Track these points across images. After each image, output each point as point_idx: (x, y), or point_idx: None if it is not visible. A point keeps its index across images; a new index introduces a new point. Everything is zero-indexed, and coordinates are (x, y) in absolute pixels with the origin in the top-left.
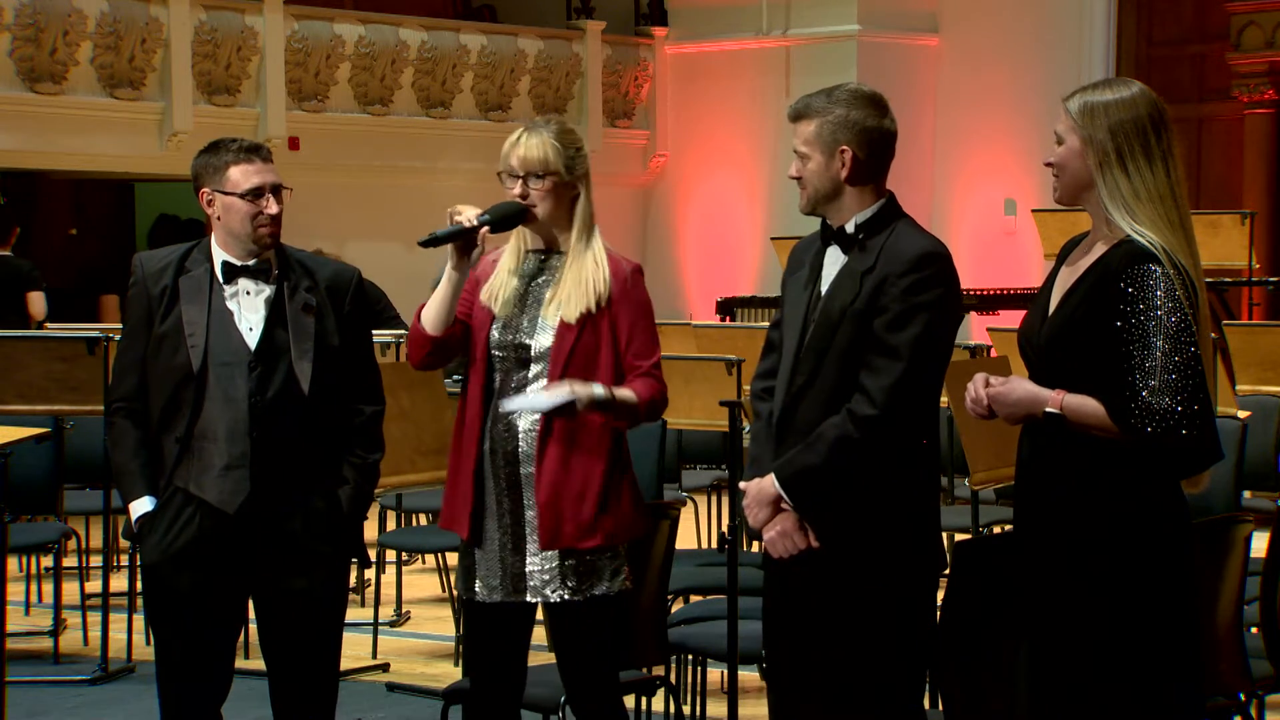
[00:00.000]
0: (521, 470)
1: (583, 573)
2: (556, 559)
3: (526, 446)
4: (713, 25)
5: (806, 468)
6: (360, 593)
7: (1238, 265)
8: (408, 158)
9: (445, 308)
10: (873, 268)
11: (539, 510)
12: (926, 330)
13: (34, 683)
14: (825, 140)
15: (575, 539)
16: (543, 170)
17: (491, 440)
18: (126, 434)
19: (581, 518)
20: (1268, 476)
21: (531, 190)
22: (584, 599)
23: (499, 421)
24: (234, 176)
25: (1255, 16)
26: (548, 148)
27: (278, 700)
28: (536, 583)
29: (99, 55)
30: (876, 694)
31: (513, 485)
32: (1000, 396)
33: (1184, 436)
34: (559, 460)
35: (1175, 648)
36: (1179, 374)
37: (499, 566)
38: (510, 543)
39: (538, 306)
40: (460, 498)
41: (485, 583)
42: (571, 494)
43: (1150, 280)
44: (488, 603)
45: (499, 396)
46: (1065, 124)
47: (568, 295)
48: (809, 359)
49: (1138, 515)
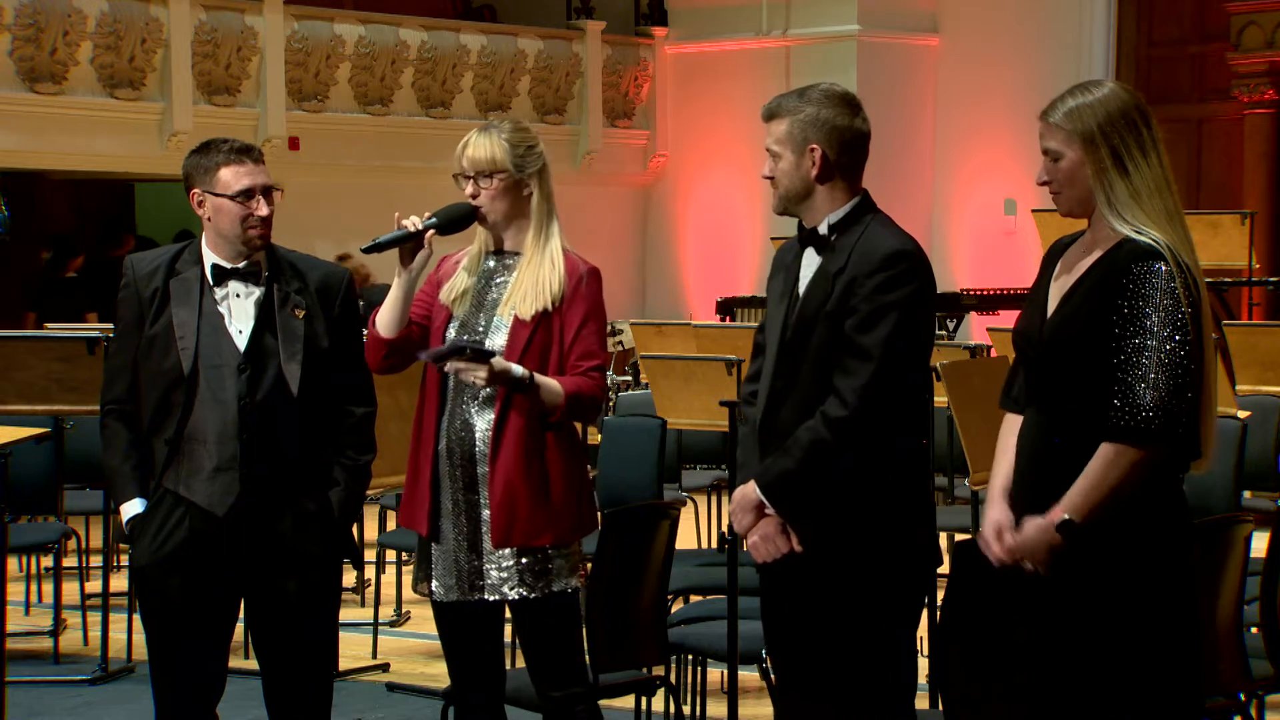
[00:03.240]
0: (478, 469)
1: (538, 570)
2: (512, 557)
3: (483, 445)
4: (713, 25)
5: (784, 472)
6: (360, 593)
7: (1238, 265)
8: (408, 158)
9: (397, 311)
10: (843, 268)
11: (493, 508)
12: (897, 329)
13: (34, 683)
14: (795, 139)
15: (528, 536)
16: (490, 170)
17: (448, 439)
18: (118, 436)
19: (535, 516)
20: (1268, 476)
21: (481, 190)
22: (542, 595)
23: (455, 419)
24: (225, 178)
25: (1255, 16)
26: (495, 147)
27: (272, 701)
28: (494, 580)
29: (99, 55)
30: (867, 693)
31: (469, 484)
32: (1021, 549)
33: (1162, 433)
34: (514, 459)
35: (1176, 647)
36: (1167, 371)
37: (454, 566)
38: (466, 542)
39: (495, 306)
40: (419, 496)
41: (441, 582)
42: (526, 492)
43: (1153, 278)
44: (445, 602)
45: (455, 395)
46: (1059, 138)
47: (524, 294)
48: (786, 362)
49: (1138, 514)
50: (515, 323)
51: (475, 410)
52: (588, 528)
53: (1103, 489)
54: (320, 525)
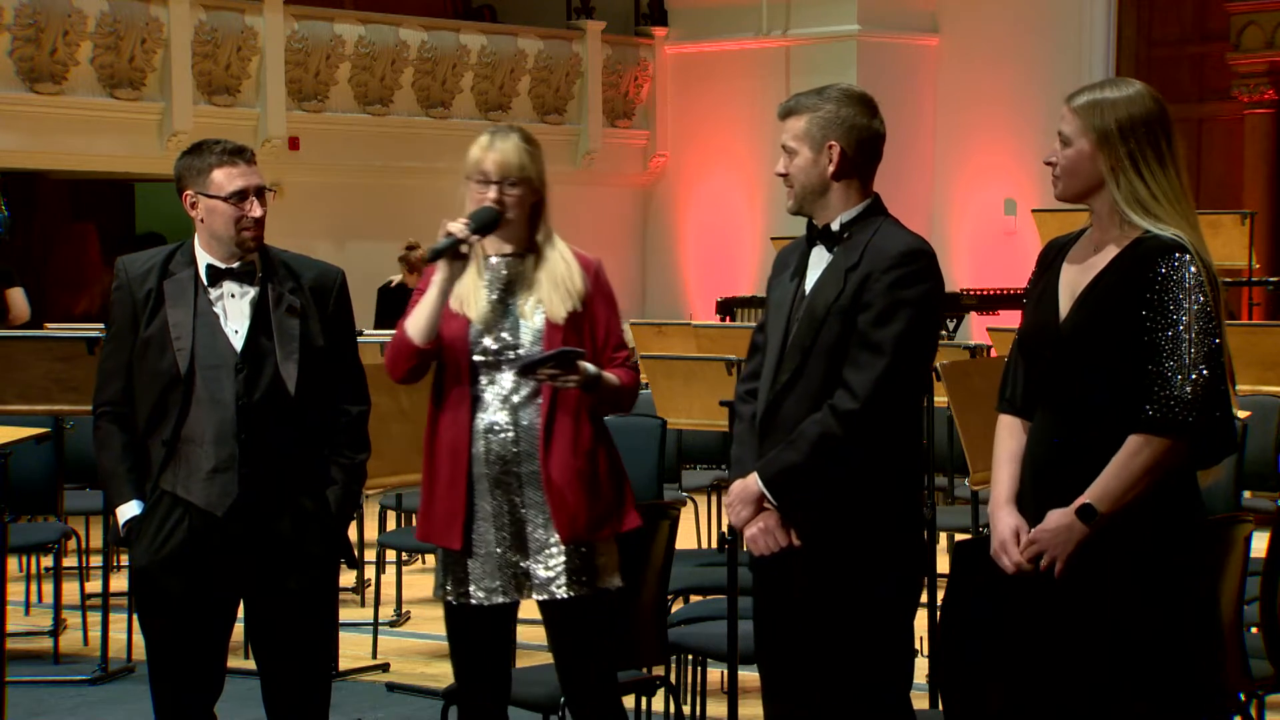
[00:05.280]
0: (523, 468)
1: (590, 568)
2: (564, 554)
3: (529, 444)
4: (713, 25)
5: (789, 466)
6: (360, 593)
7: (1238, 265)
8: (408, 158)
9: (434, 318)
10: (857, 264)
11: (553, 506)
12: (910, 326)
13: (34, 683)
14: (814, 136)
15: (590, 531)
16: (519, 176)
17: (486, 442)
18: (113, 438)
19: (594, 509)
20: (1268, 476)
21: (506, 195)
22: (591, 594)
23: (490, 421)
24: (217, 179)
25: (1255, 16)
26: (522, 154)
27: (271, 701)
28: (541, 580)
29: (99, 55)
30: (862, 691)
31: (508, 485)
32: (1044, 541)
33: (1206, 424)
34: (567, 454)
35: (1193, 644)
36: (1206, 363)
37: (497, 569)
38: (510, 542)
39: (514, 309)
40: (450, 508)
41: (482, 585)
42: (581, 488)
43: (1181, 270)
44: (484, 605)
45: (487, 397)
46: (1073, 126)
47: (547, 295)
48: (793, 356)
49: (1156, 513)
50: (549, 325)
51: (513, 410)
52: (633, 520)
53: (1132, 480)
54: (319, 524)
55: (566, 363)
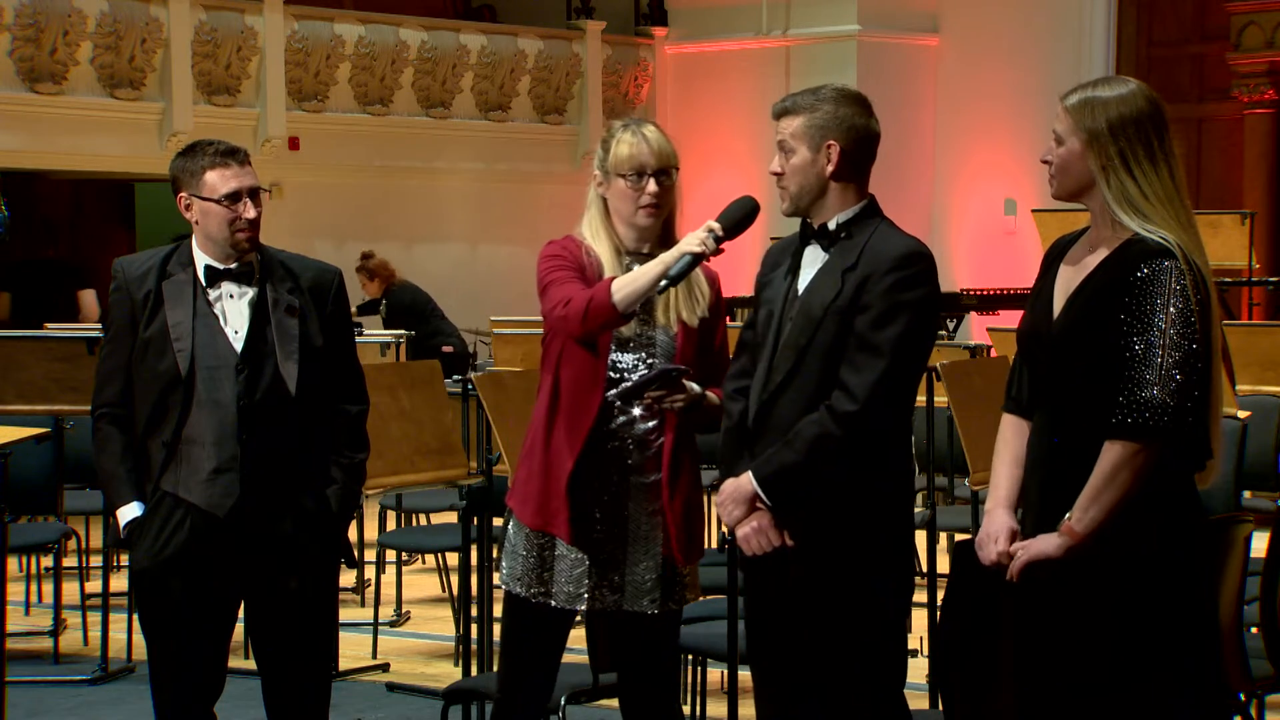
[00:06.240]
0: (646, 479)
1: (682, 585)
2: (662, 570)
3: (649, 457)
4: (713, 25)
5: (785, 466)
6: (360, 593)
7: (1238, 265)
8: (408, 158)
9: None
10: (855, 265)
11: (674, 525)
12: (909, 329)
13: (34, 683)
14: (812, 135)
15: (700, 551)
16: (675, 164)
17: (617, 441)
18: (112, 439)
19: (701, 531)
20: (1268, 476)
21: (663, 187)
22: (676, 610)
23: (611, 424)
24: (211, 181)
25: (1255, 16)
26: (670, 142)
27: (271, 701)
28: (633, 591)
29: (99, 55)
30: (856, 690)
31: (623, 493)
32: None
33: (1177, 429)
34: (689, 473)
35: (1192, 647)
36: (1179, 368)
37: (584, 575)
38: (614, 550)
39: (651, 313)
40: (555, 504)
41: (566, 589)
42: (693, 507)
43: (1162, 275)
44: (559, 609)
45: (610, 405)
46: (1065, 124)
47: (682, 298)
48: (787, 356)
49: (1154, 517)
50: (683, 331)
51: (631, 418)
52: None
53: (1109, 489)
54: (320, 524)
55: (671, 382)
